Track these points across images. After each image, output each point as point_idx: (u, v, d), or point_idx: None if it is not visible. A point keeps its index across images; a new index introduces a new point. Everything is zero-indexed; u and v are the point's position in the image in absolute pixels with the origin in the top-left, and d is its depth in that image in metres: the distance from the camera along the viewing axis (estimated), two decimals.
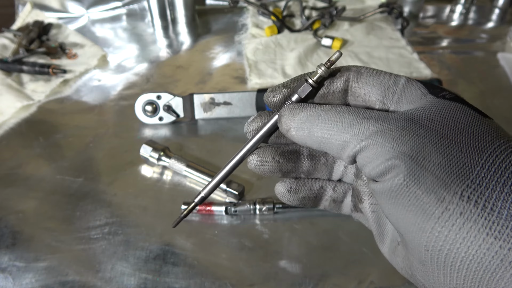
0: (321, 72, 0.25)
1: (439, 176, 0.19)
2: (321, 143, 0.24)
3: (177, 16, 1.07)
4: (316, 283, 0.46)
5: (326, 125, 0.23)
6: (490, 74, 0.86)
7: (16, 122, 0.72)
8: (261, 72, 0.84)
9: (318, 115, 0.23)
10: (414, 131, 0.21)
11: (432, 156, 0.20)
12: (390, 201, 0.21)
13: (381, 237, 0.27)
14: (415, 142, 0.21)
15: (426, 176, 0.20)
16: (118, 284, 0.46)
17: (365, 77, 0.24)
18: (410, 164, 0.20)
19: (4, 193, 0.58)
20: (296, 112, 0.24)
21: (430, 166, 0.20)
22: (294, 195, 0.29)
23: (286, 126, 0.25)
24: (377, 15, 1.03)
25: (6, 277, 0.46)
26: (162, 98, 0.67)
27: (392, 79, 0.24)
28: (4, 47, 0.89)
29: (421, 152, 0.20)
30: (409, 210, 0.20)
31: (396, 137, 0.21)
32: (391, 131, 0.21)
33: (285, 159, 0.28)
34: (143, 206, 0.55)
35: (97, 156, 0.64)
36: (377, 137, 0.21)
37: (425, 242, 0.19)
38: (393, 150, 0.21)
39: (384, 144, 0.21)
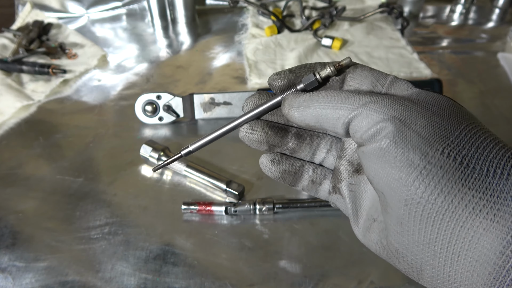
0: (329, 72, 0.27)
1: (424, 135, 0.22)
2: (319, 118, 0.26)
3: (177, 16, 1.07)
4: (316, 283, 0.46)
5: (324, 100, 0.26)
6: (490, 74, 0.86)
7: (16, 122, 0.72)
8: (261, 72, 0.84)
9: (319, 94, 0.26)
10: (402, 102, 0.24)
11: (418, 120, 0.23)
12: (378, 160, 0.23)
13: (355, 217, 0.30)
14: (403, 109, 0.23)
15: (412, 136, 0.22)
16: (118, 284, 0.46)
17: (360, 70, 0.27)
18: (399, 125, 0.22)
19: (4, 193, 0.58)
20: (299, 95, 0.27)
21: (417, 128, 0.22)
22: (276, 166, 0.31)
23: (289, 106, 0.27)
24: (377, 15, 1.03)
25: (6, 277, 0.46)
26: (162, 98, 0.67)
27: (383, 74, 0.27)
28: (4, 47, 0.89)
29: (409, 116, 0.23)
30: (394, 166, 0.22)
31: (387, 104, 0.23)
32: (383, 100, 0.24)
33: (274, 132, 0.30)
34: (143, 206, 0.55)
35: (97, 156, 0.64)
36: (370, 105, 0.24)
37: (406, 196, 0.21)
38: (384, 114, 0.23)
39: (375, 109, 0.23)
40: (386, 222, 0.24)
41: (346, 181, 0.29)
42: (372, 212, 0.28)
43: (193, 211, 0.53)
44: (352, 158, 0.29)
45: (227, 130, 0.30)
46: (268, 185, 0.58)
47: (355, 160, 0.29)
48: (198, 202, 0.53)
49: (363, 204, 0.29)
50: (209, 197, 0.57)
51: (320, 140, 0.31)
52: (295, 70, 0.29)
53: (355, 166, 0.29)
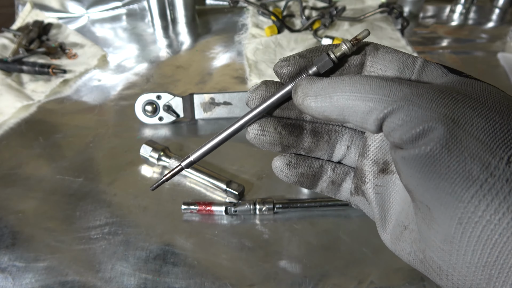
0: (345, 48, 0.23)
1: (483, 140, 0.18)
2: (343, 110, 0.21)
3: (177, 16, 1.07)
4: (316, 283, 0.46)
5: (351, 88, 0.21)
6: (490, 74, 0.86)
7: (16, 122, 0.72)
8: (261, 72, 0.84)
9: (342, 80, 0.22)
10: (451, 95, 0.19)
11: (474, 120, 0.18)
12: (422, 169, 0.19)
13: (383, 222, 0.25)
14: (455, 105, 0.19)
15: (469, 141, 0.18)
16: (118, 284, 0.46)
17: (382, 53, 0.23)
18: (452, 127, 0.18)
19: (4, 193, 0.58)
20: (314, 81, 0.23)
21: (473, 130, 0.18)
22: (293, 170, 0.27)
23: (303, 94, 0.23)
24: (377, 15, 1.03)
25: (6, 277, 0.46)
26: (162, 98, 0.67)
27: (410, 57, 0.23)
28: (4, 47, 0.89)
29: (463, 115, 0.18)
30: (445, 178, 0.18)
31: (435, 99, 0.19)
32: (428, 93, 0.19)
33: (287, 132, 0.26)
34: (143, 206, 0.55)
35: (97, 156, 0.64)
36: (412, 98, 0.19)
37: (460, 214, 0.18)
38: (432, 111, 0.19)
39: (420, 105, 0.19)
40: (427, 237, 0.20)
41: (372, 182, 0.25)
42: (403, 218, 0.24)
43: (193, 211, 0.53)
44: (377, 156, 0.25)
45: (233, 132, 0.26)
46: (268, 185, 0.58)
47: (380, 159, 0.25)
48: (198, 202, 0.53)
49: (392, 208, 0.25)
50: (209, 197, 0.57)
51: (339, 135, 0.27)
52: (306, 54, 0.25)
53: (380, 166, 0.25)
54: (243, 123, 0.26)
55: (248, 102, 0.26)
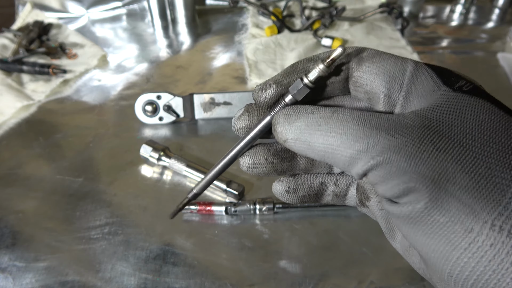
0: (319, 72, 0.22)
1: (466, 202, 0.17)
2: (324, 157, 0.21)
3: (177, 16, 1.07)
4: (316, 283, 0.46)
5: (328, 137, 0.20)
6: (490, 74, 0.86)
7: (16, 122, 0.72)
8: (261, 72, 0.84)
9: (318, 125, 0.20)
10: (433, 143, 0.18)
11: (457, 177, 0.17)
12: (409, 225, 0.19)
13: (391, 233, 0.25)
14: (436, 160, 0.18)
15: (451, 202, 0.17)
16: (118, 284, 0.46)
17: (367, 64, 0.22)
18: (432, 189, 0.17)
19: (4, 193, 0.58)
20: (292, 120, 0.21)
21: (455, 190, 0.17)
22: (293, 195, 0.26)
23: (282, 136, 0.22)
24: (377, 15, 1.03)
25: (6, 277, 0.46)
26: (162, 98, 0.67)
27: (398, 66, 0.21)
28: (4, 47, 0.89)
29: (444, 172, 0.17)
30: (430, 237, 0.18)
31: (413, 154, 0.18)
32: (406, 146, 0.18)
33: (279, 159, 0.25)
34: (143, 206, 0.55)
35: (97, 156, 0.64)
36: (391, 154, 0.18)
37: (449, 270, 0.18)
38: (411, 171, 0.18)
39: (399, 163, 0.18)
40: (429, 273, 0.20)
41: (374, 200, 0.25)
42: None
43: (193, 211, 0.53)
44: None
45: (226, 164, 0.28)
46: (268, 185, 0.58)
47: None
48: (198, 202, 0.53)
49: None
50: (209, 197, 0.57)
51: None
52: (282, 80, 0.23)
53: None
54: (234, 154, 0.27)
55: (235, 131, 0.26)
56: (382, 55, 0.22)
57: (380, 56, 0.22)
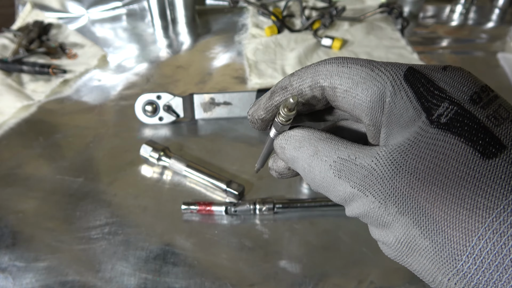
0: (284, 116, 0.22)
1: (426, 266, 0.18)
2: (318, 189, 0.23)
3: (177, 16, 1.07)
4: (316, 283, 0.46)
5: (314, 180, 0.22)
6: (490, 74, 0.86)
7: (16, 122, 0.72)
8: (261, 72, 0.84)
9: (303, 168, 0.22)
10: (397, 205, 0.18)
11: (418, 241, 0.18)
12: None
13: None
14: (399, 224, 0.19)
15: (414, 263, 0.19)
16: (118, 284, 0.46)
17: (342, 95, 0.21)
18: (399, 247, 0.19)
19: (4, 193, 0.58)
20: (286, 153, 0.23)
21: (417, 256, 0.19)
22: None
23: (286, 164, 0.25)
24: (377, 15, 1.03)
25: (6, 277, 0.46)
26: (162, 98, 0.67)
27: (375, 93, 0.20)
28: (4, 47, 0.89)
29: (406, 237, 0.18)
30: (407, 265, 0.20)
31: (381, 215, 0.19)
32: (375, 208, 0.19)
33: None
34: (143, 206, 0.55)
35: (97, 156, 0.64)
36: (366, 210, 0.20)
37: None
38: (382, 228, 0.20)
39: (373, 219, 0.20)
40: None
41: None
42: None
43: (193, 211, 0.53)
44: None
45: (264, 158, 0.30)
46: (268, 185, 0.58)
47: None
48: (198, 202, 0.53)
49: None
50: (209, 197, 0.57)
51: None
52: (263, 115, 0.24)
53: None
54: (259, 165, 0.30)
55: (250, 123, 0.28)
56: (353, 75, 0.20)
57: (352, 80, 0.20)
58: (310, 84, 0.22)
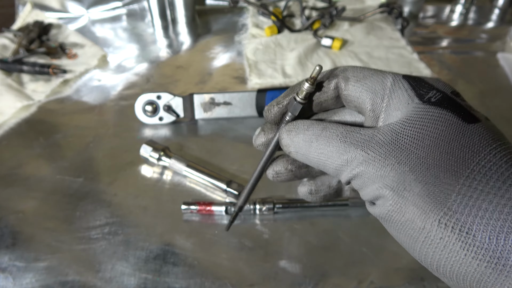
0: (306, 89, 0.26)
1: (420, 205, 0.21)
2: (318, 166, 0.26)
3: (177, 16, 1.07)
4: (316, 283, 0.46)
5: (318, 153, 0.25)
6: (490, 74, 0.86)
7: (16, 122, 0.72)
8: (261, 72, 0.84)
9: (311, 142, 0.26)
10: (396, 158, 0.23)
11: (412, 186, 0.22)
12: (384, 222, 0.24)
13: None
14: (396, 172, 0.22)
15: (408, 207, 0.22)
16: (118, 284, 0.46)
17: (353, 83, 0.26)
18: (393, 196, 0.22)
19: (4, 193, 0.58)
20: (292, 136, 0.27)
21: (411, 197, 0.21)
22: (316, 196, 0.31)
23: (287, 149, 0.27)
24: (377, 15, 1.03)
25: (6, 277, 0.47)
26: (162, 98, 0.67)
27: (379, 83, 0.25)
28: (4, 47, 0.89)
29: (402, 183, 0.22)
30: (399, 232, 0.23)
31: (380, 168, 0.23)
32: (375, 161, 0.23)
33: (297, 167, 0.30)
34: (143, 206, 0.55)
35: (97, 156, 0.64)
36: (365, 167, 0.23)
37: (417, 257, 0.22)
38: (378, 181, 0.23)
39: (370, 174, 0.23)
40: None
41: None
42: None
43: (193, 211, 0.53)
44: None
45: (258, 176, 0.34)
46: (268, 185, 0.58)
47: None
48: (198, 202, 0.53)
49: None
50: (209, 197, 0.57)
51: None
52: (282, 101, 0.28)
53: None
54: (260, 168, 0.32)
55: (256, 147, 0.32)
56: (364, 71, 0.26)
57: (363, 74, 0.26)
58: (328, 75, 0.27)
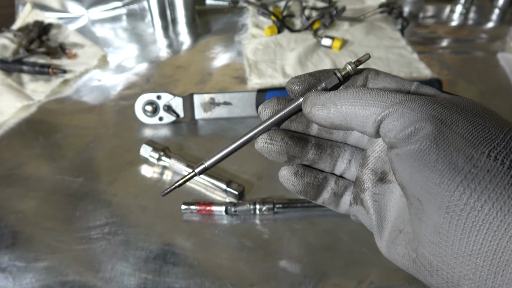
0: (349, 69, 0.27)
1: (467, 137, 0.20)
2: (346, 115, 0.24)
3: (177, 16, 1.07)
4: (316, 283, 0.46)
5: (353, 97, 0.24)
6: (490, 74, 0.86)
7: (16, 122, 0.72)
8: (261, 72, 0.84)
9: (346, 91, 0.25)
10: (440, 102, 0.22)
11: (460, 121, 0.21)
12: (415, 163, 0.21)
13: (379, 229, 0.27)
14: (442, 109, 0.22)
15: (455, 137, 0.20)
16: (118, 284, 0.46)
17: (383, 76, 0.27)
18: (439, 125, 0.21)
19: (4, 193, 0.58)
20: (322, 93, 0.26)
21: (458, 129, 0.21)
22: (299, 179, 0.29)
23: (311, 103, 0.26)
24: (377, 15, 1.03)
25: (6, 277, 0.47)
26: (162, 98, 0.67)
27: (406, 82, 0.26)
28: (4, 47, 0.89)
29: (449, 117, 0.21)
30: (435, 169, 0.20)
31: (424, 103, 0.22)
32: (420, 99, 0.22)
33: (294, 142, 0.28)
34: (143, 206, 0.55)
35: (97, 156, 0.64)
36: (406, 103, 0.22)
37: (448, 202, 0.19)
38: (422, 113, 0.21)
39: (412, 107, 0.22)
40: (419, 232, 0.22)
41: (370, 190, 0.27)
42: (398, 223, 0.26)
43: (193, 211, 0.53)
44: (376, 166, 0.28)
45: (245, 141, 0.28)
46: (268, 185, 0.58)
47: (378, 169, 0.27)
48: (198, 202, 0.53)
49: (388, 215, 0.27)
50: (209, 197, 0.57)
51: (341, 150, 0.29)
52: (315, 74, 0.28)
53: (378, 175, 0.27)
54: (255, 132, 0.28)
55: (260, 113, 0.28)
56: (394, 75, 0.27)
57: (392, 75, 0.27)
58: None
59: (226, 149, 0.29)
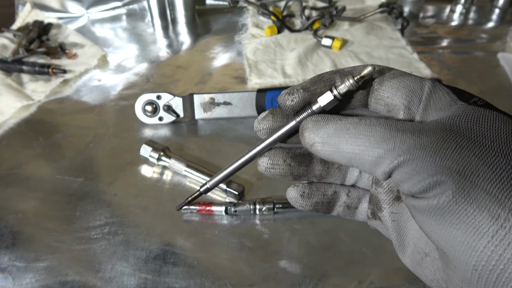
0: (349, 86, 0.23)
1: (491, 192, 0.18)
2: (351, 159, 0.22)
3: (177, 16, 1.07)
4: (316, 283, 0.46)
5: (356, 139, 0.21)
6: (490, 74, 0.86)
7: (16, 122, 0.72)
8: (261, 72, 0.84)
9: (347, 129, 0.22)
10: (456, 142, 0.20)
11: (481, 170, 0.19)
12: (434, 218, 0.19)
13: (401, 247, 0.26)
14: (459, 155, 0.19)
15: (477, 192, 0.18)
16: (118, 284, 0.46)
17: (388, 79, 0.23)
18: (459, 180, 0.18)
19: (4, 193, 0.58)
20: (321, 125, 0.23)
21: (480, 182, 0.18)
22: (307, 200, 0.27)
23: (310, 140, 0.23)
24: (377, 15, 1.03)
25: (6, 277, 0.46)
26: (162, 98, 0.67)
27: (417, 82, 0.23)
28: (4, 47, 0.89)
29: (468, 166, 0.19)
30: (457, 228, 0.18)
31: (439, 150, 0.19)
32: (432, 144, 0.20)
33: (297, 162, 0.26)
34: (143, 206, 0.55)
35: (97, 156, 0.64)
36: (417, 151, 0.20)
37: (474, 262, 0.18)
38: (437, 165, 0.19)
39: (425, 158, 0.19)
40: (447, 271, 0.21)
41: (387, 210, 0.26)
42: (422, 245, 0.24)
43: (193, 211, 0.53)
44: (391, 185, 0.25)
45: (245, 162, 0.28)
46: (268, 185, 0.58)
47: (394, 187, 0.25)
48: (198, 202, 0.53)
49: (409, 234, 0.25)
50: (209, 197, 0.57)
51: None
52: (310, 87, 0.24)
53: (395, 193, 0.25)
54: (254, 153, 0.27)
55: (257, 132, 0.27)
56: (403, 73, 0.24)
57: (401, 73, 0.24)
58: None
59: (226, 169, 0.29)
